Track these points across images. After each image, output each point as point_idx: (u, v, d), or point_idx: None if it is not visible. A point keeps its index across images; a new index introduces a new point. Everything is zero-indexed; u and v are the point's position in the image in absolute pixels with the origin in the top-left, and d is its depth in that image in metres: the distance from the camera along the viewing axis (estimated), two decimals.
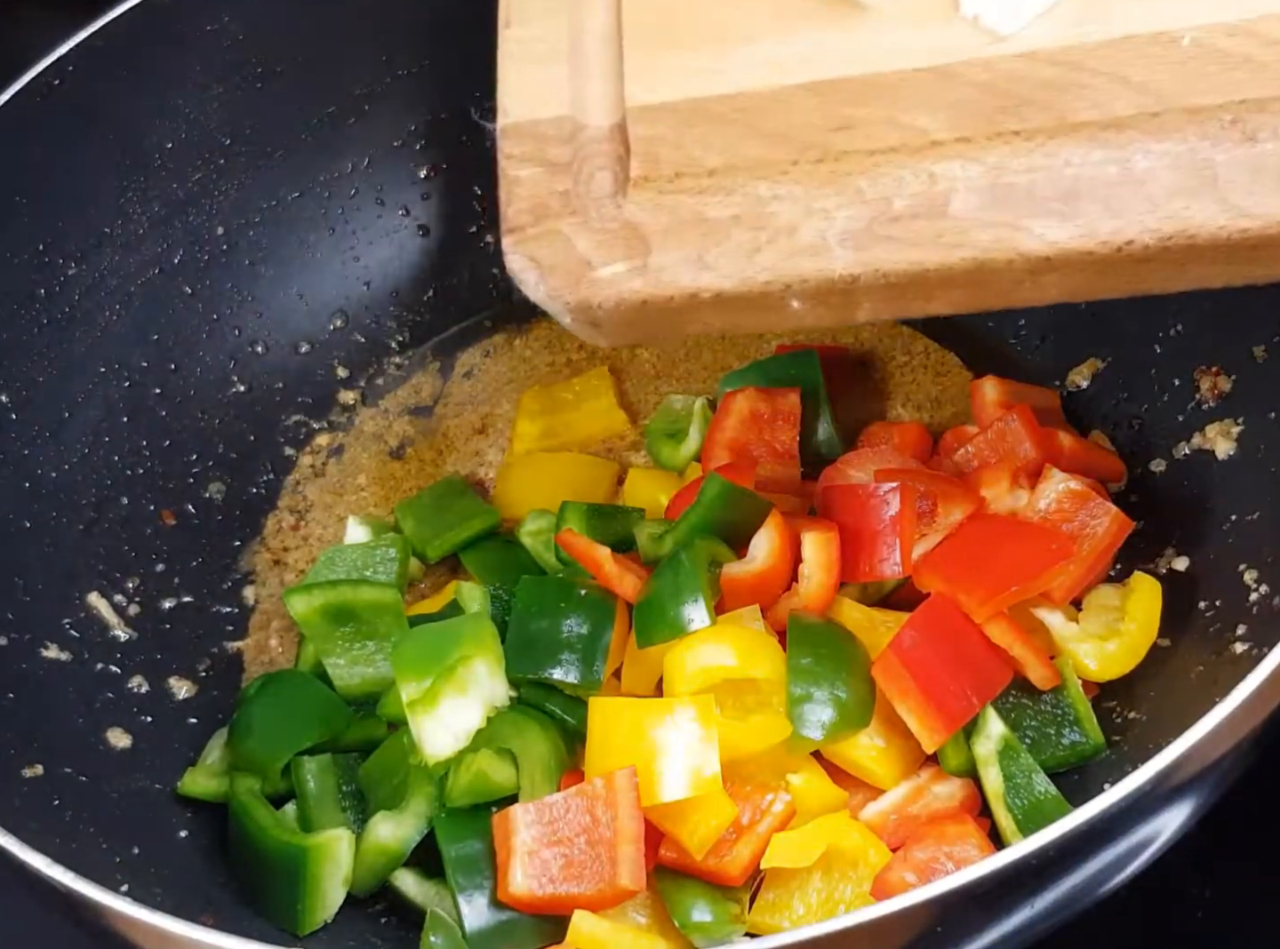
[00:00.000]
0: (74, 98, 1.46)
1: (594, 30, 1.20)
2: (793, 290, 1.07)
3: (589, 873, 1.17)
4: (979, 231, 1.05)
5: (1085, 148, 1.06)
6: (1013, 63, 1.09)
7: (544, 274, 1.11)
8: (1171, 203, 1.03)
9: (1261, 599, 1.23)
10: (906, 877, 1.17)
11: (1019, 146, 1.07)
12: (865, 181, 1.08)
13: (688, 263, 1.09)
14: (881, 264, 1.06)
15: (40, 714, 1.31)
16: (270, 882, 1.25)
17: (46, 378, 1.46)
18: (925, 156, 1.08)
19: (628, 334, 1.14)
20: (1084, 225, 1.04)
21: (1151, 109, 1.06)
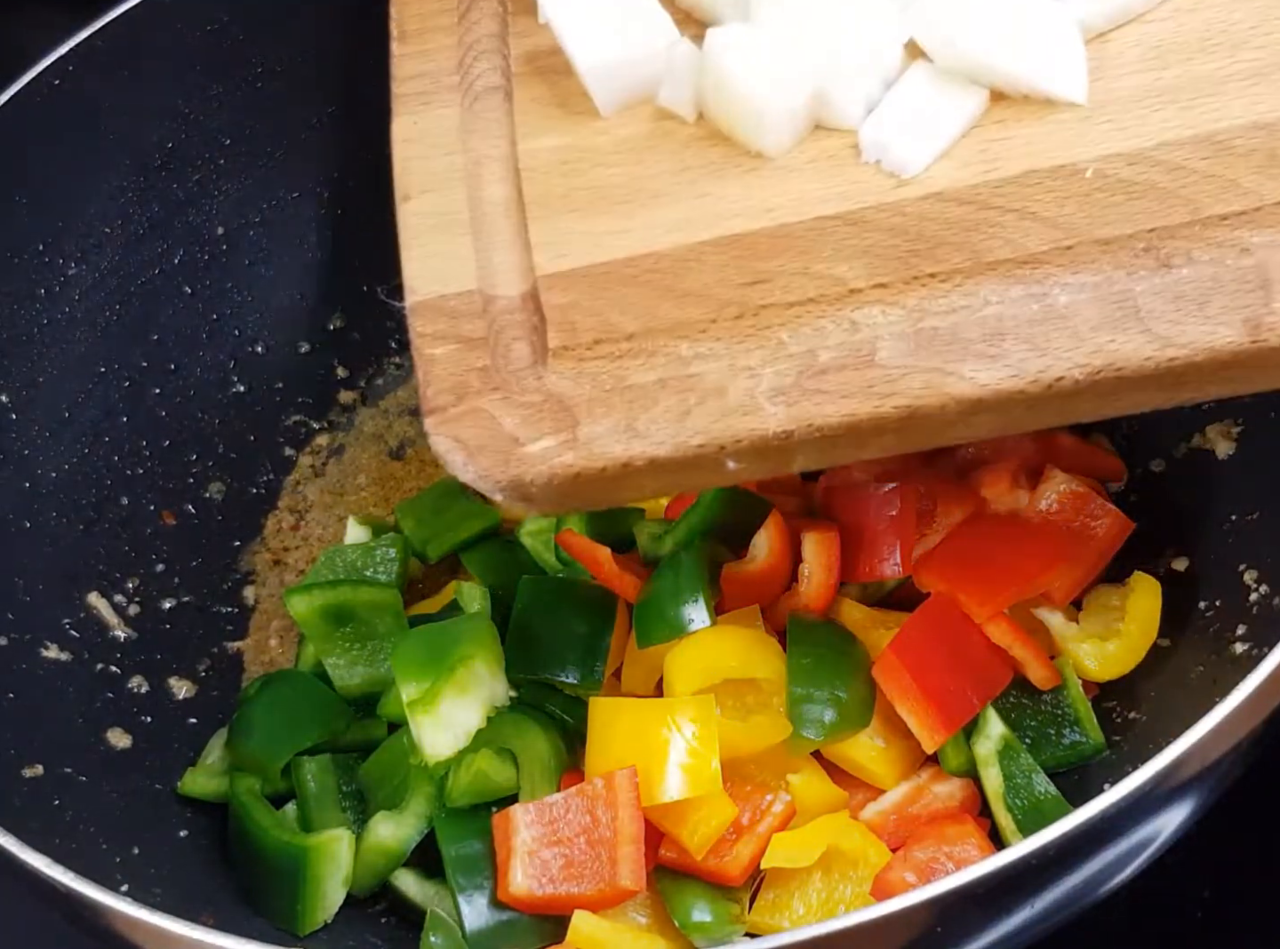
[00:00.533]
0: (74, 98, 1.46)
1: (494, 200, 1.19)
2: (727, 450, 1.05)
3: (589, 873, 1.17)
4: (909, 379, 1.04)
5: (1003, 285, 1.05)
6: (921, 204, 1.09)
7: (471, 455, 1.07)
8: (1097, 337, 1.02)
9: (1261, 599, 1.23)
10: (907, 877, 1.17)
11: (937, 288, 1.06)
12: (787, 334, 1.07)
13: (617, 431, 1.06)
14: (814, 418, 1.04)
15: (40, 714, 1.31)
16: (270, 882, 1.25)
17: (46, 378, 1.46)
18: (845, 305, 1.07)
19: (563, 504, 1.10)
20: (1012, 365, 1.03)
21: (1064, 243, 1.06)
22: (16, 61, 1.44)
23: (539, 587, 1.35)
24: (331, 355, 1.64)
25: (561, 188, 1.17)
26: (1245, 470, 1.33)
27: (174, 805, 1.33)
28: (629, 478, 1.06)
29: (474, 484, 1.08)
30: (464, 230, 1.18)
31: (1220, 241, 1.03)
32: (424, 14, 1.30)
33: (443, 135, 1.24)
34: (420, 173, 1.23)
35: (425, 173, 1.23)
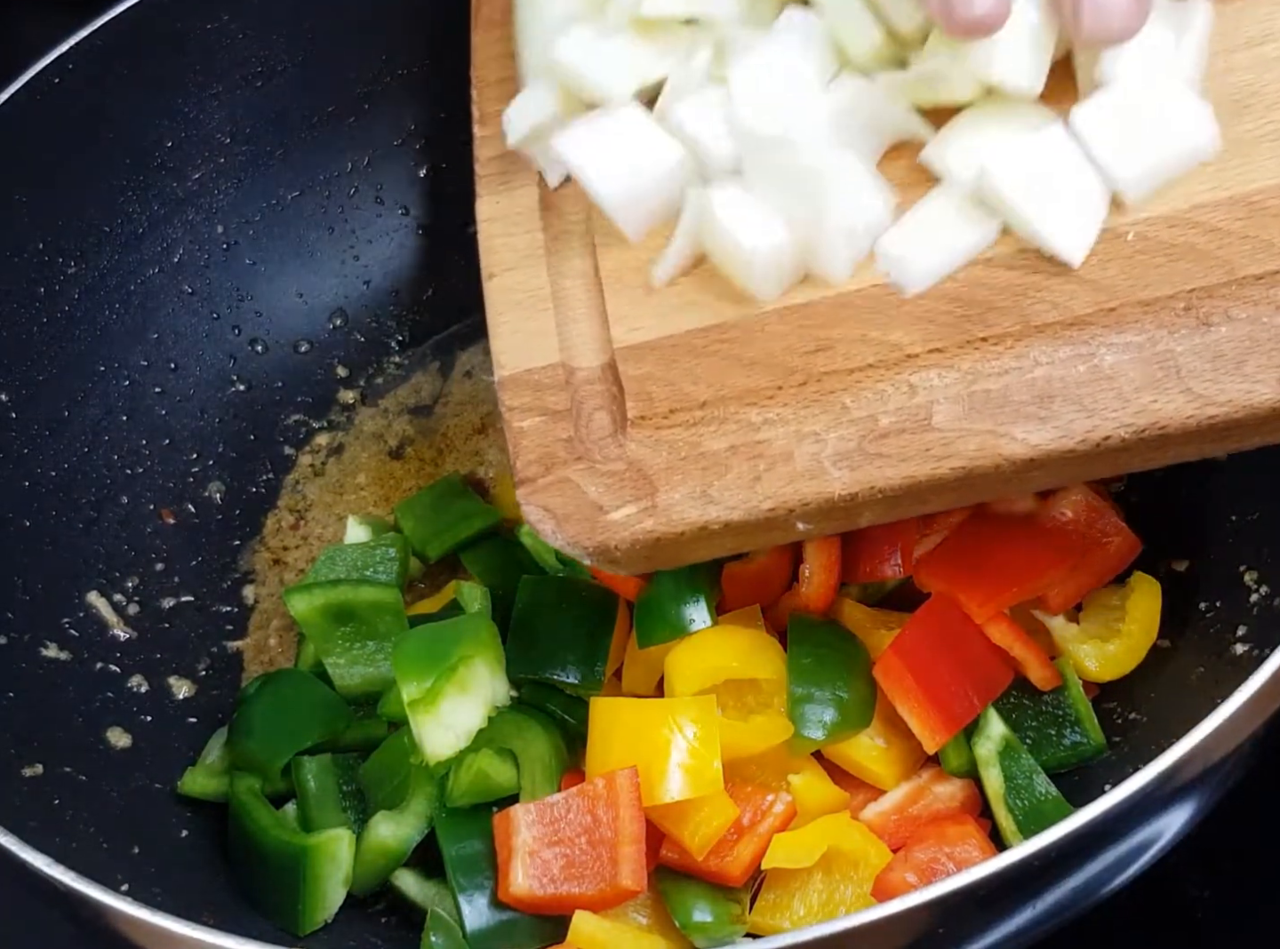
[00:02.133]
0: (73, 97, 1.46)
1: (573, 274, 1.24)
2: (796, 514, 1.10)
3: (590, 873, 1.17)
4: (963, 441, 1.08)
5: (1051, 346, 1.09)
6: (972, 270, 1.13)
7: (559, 523, 1.13)
8: (1140, 398, 1.06)
9: (1262, 600, 1.23)
10: (907, 877, 1.17)
11: (989, 351, 1.10)
12: (849, 398, 1.12)
13: (693, 498, 1.12)
14: (876, 481, 1.09)
15: (40, 713, 1.30)
16: (270, 881, 1.25)
17: (46, 376, 1.46)
18: (903, 369, 1.11)
19: (645, 565, 1.16)
20: (1061, 427, 1.07)
21: (1108, 305, 1.09)
22: (16, 61, 1.44)
23: (539, 586, 1.34)
24: (331, 355, 1.64)
25: (635, 261, 1.22)
26: (1245, 471, 1.33)
27: (174, 805, 1.33)
28: (705, 540, 1.12)
29: (563, 550, 1.14)
30: (546, 305, 1.23)
31: (1256, 300, 1.06)
32: (502, 97, 1.34)
33: (524, 214, 1.29)
34: (503, 251, 1.27)
35: (508, 250, 1.27)
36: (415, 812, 1.26)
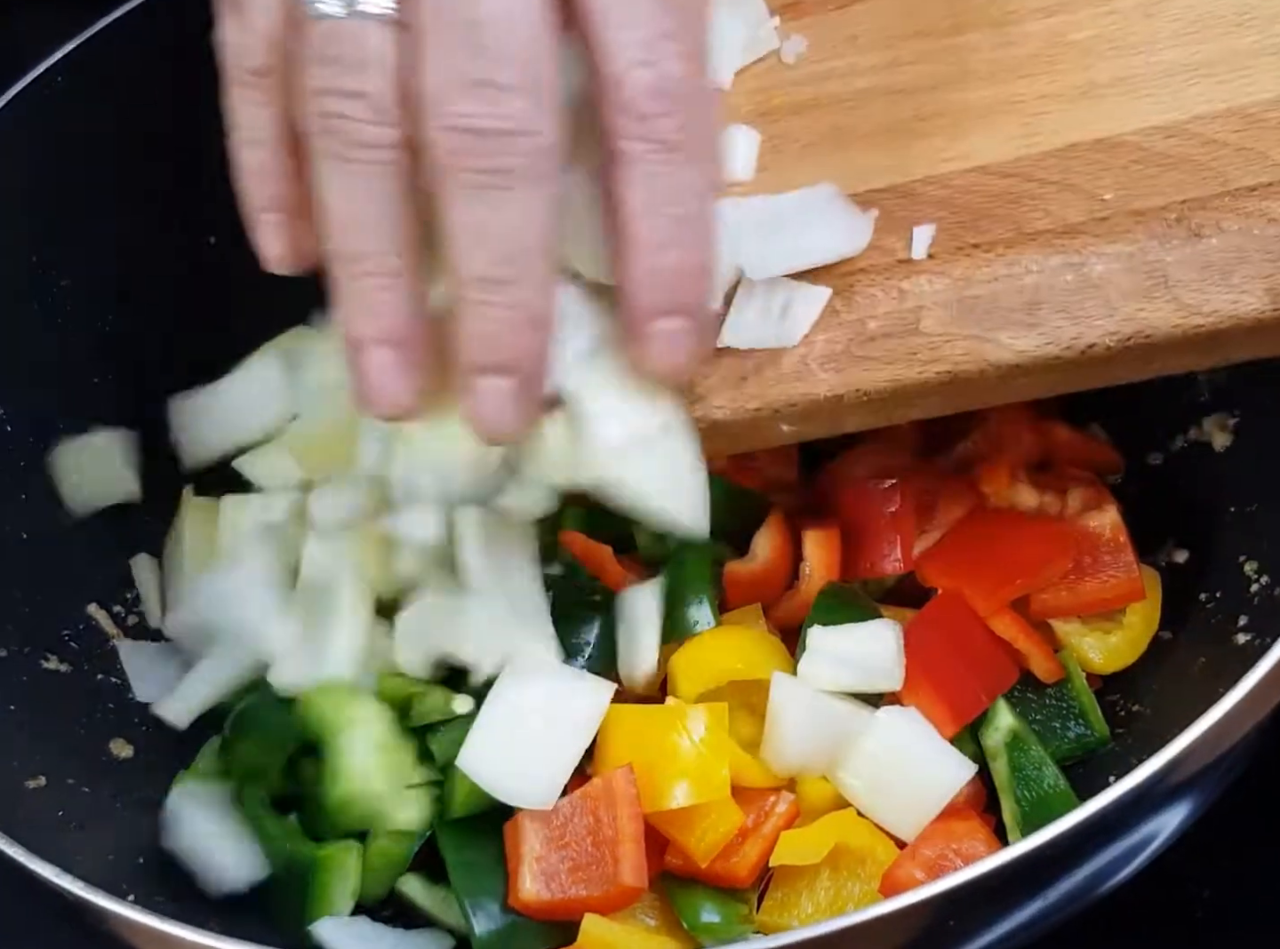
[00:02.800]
0: (68, 104, 1.45)
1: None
2: (781, 414, 1.12)
3: (595, 874, 1.17)
4: (950, 346, 1.09)
5: (1043, 255, 1.10)
6: (967, 177, 1.14)
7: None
8: (1127, 306, 1.07)
9: (1262, 590, 1.23)
10: (915, 873, 1.16)
11: (980, 258, 1.11)
12: (840, 302, 1.12)
13: (680, 395, 1.12)
14: (862, 384, 1.10)
15: (42, 726, 1.30)
16: (277, 891, 1.25)
17: (42, 387, 1.45)
18: (894, 274, 1.12)
19: None
20: (1048, 333, 1.08)
21: (1100, 214, 1.10)
22: (10, 67, 1.44)
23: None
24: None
25: None
26: (1243, 462, 1.33)
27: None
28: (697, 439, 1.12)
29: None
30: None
31: (1248, 212, 1.07)
32: None
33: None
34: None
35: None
36: None
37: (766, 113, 1.22)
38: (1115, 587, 1.28)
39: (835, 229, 1.13)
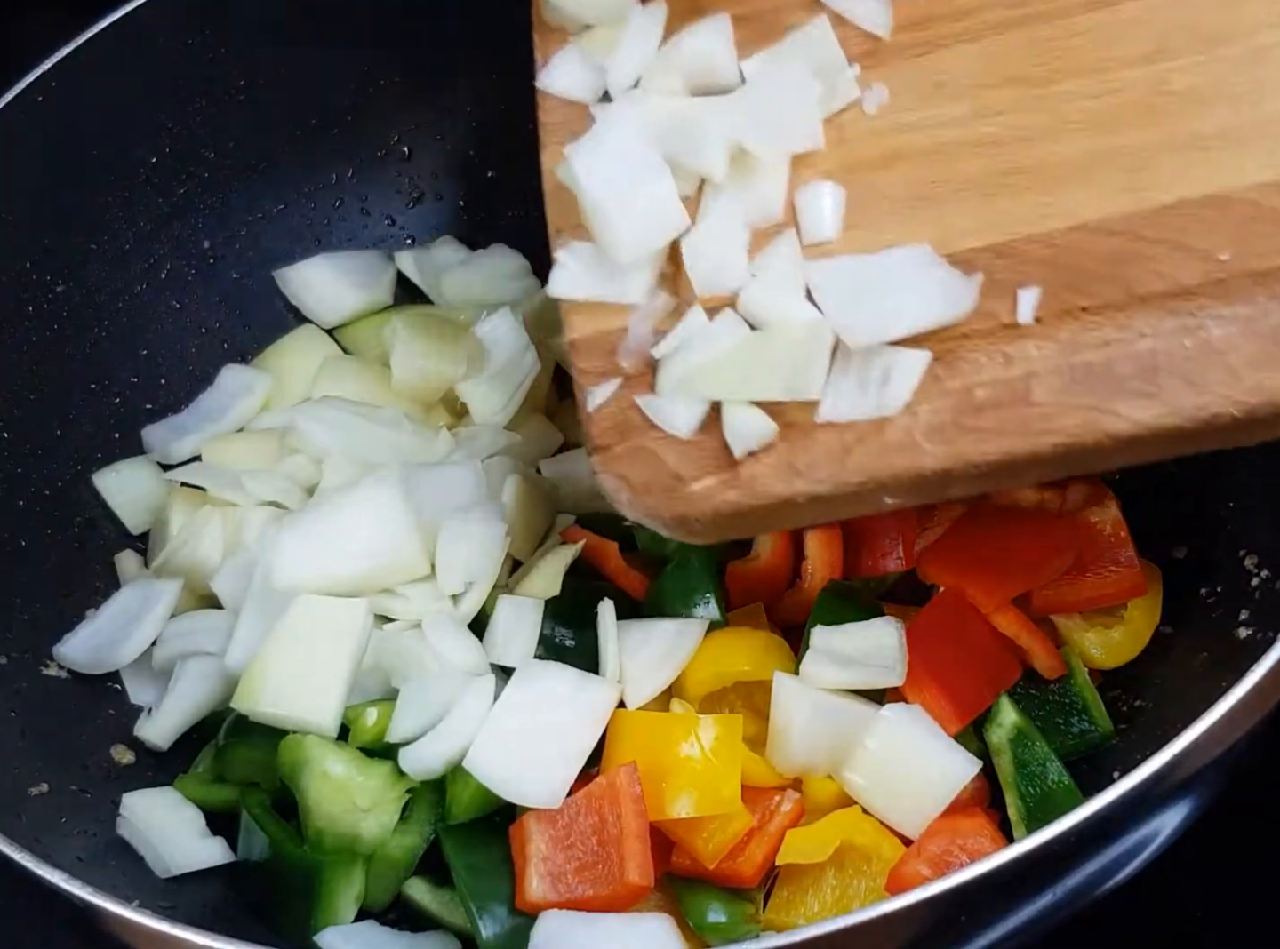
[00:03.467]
0: (56, 114, 1.45)
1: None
2: (886, 488, 1.06)
3: (601, 874, 1.17)
4: (1064, 417, 1.03)
5: (1156, 318, 1.04)
6: (1071, 236, 1.07)
7: (636, 494, 1.09)
8: (1254, 373, 1.01)
9: (1263, 584, 1.23)
10: (921, 870, 1.17)
11: (1089, 322, 1.05)
12: (941, 369, 1.06)
13: (779, 470, 1.07)
14: (971, 456, 1.04)
15: (44, 732, 1.30)
16: (282, 896, 1.24)
17: (37, 396, 1.46)
18: (998, 339, 1.06)
19: (724, 533, 1.13)
20: (1168, 402, 1.02)
21: (1216, 275, 1.03)
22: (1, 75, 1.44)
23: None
24: None
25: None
26: (1242, 456, 1.32)
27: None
28: (789, 510, 1.08)
29: (640, 520, 1.10)
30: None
31: None
32: (565, 40, 1.25)
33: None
34: (572, 206, 1.17)
35: (576, 206, 1.18)
36: (419, 820, 1.25)
37: (851, 167, 1.14)
38: (1116, 582, 1.28)
39: (935, 292, 1.07)
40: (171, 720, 1.35)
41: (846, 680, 1.21)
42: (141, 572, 1.45)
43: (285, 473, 1.44)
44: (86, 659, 1.37)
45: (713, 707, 1.25)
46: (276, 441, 1.48)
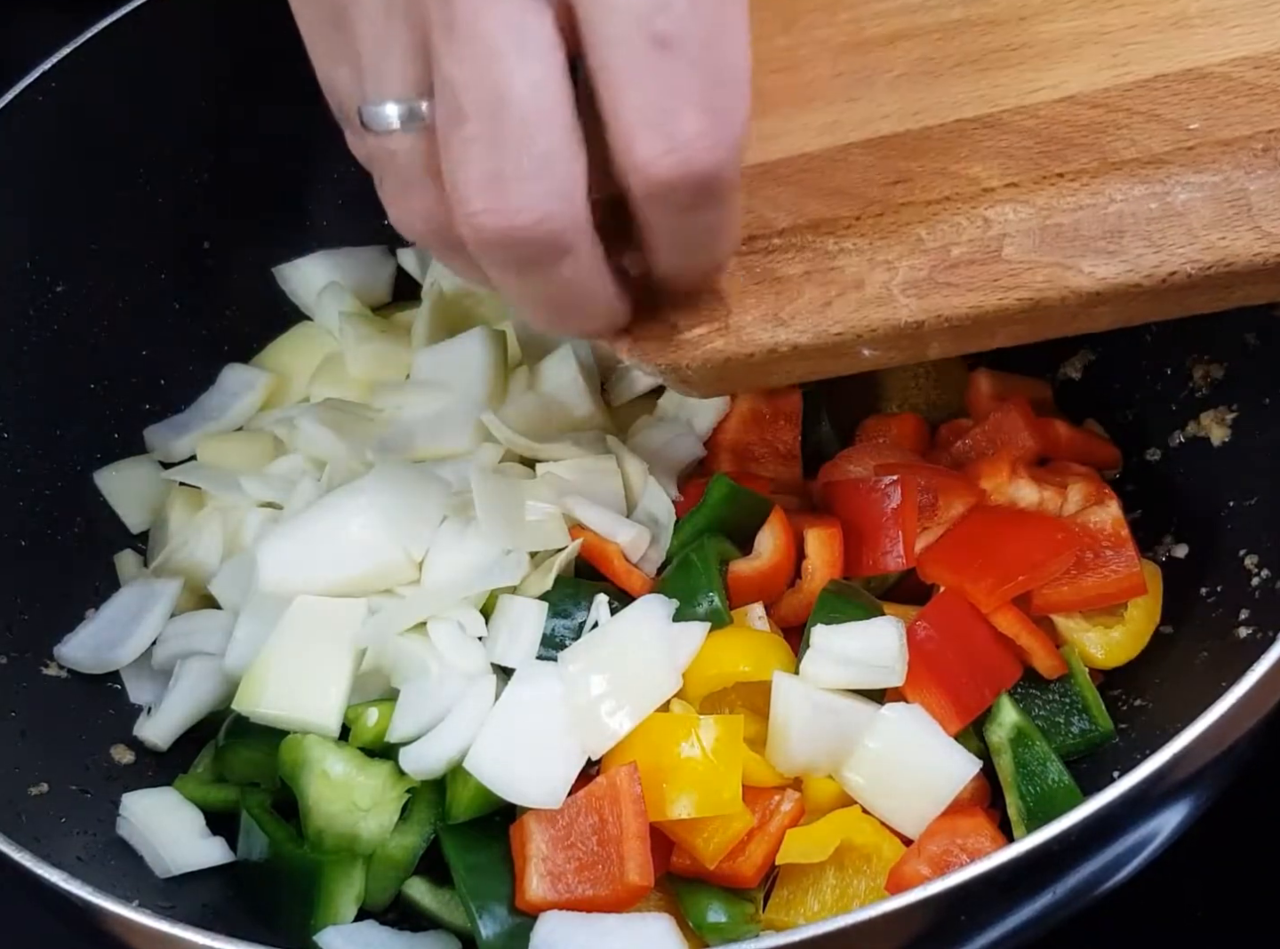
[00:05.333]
0: (58, 113, 1.45)
1: None
2: (863, 339, 1.12)
3: (601, 874, 1.17)
4: (1031, 273, 1.10)
5: (1127, 184, 1.11)
6: (1055, 107, 1.14)
7: (636, 340, 1.14)
8: (1209, 234, 1.08)
9: (1263, 583, 1.24)
10: (921, 869, 1.17)
11: (1064, 187, 1.12)
12: (924, 230, 1.13)
13: (765, 321, 1.13)
14: (943, 310, 1.11)
15: (43, 732, 1.30)
16: (282, 896, 1.24)
17: (37, 395, 1.45)
18: (979, 203, 1.13)
19: (717, 386, 1.19)
20: (1129, 261, 1.08)
21: (1186, 144, 1.11)
22: (1, 76, 1.44)
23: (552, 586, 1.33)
24: None
25: None
26: (1241, 456, 1.33)
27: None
28: (775, 363, 1.14)
29: (637, 366, 1.15)
30: None
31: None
32: None
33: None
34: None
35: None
36: (418, 819, 1.25)
37: (859, 44, 1.21)
38: (1116, 582, 1.28)
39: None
40: (171, 720, 1.35)
41: (846, 680, 1.21)
42: (141, 572, 1.45)
43: (281, 473, 1.44)
44: (86, 659, 1.37)
45: (713, 707, 1.25)
46: (271, 441, 1.48)
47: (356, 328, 1.52)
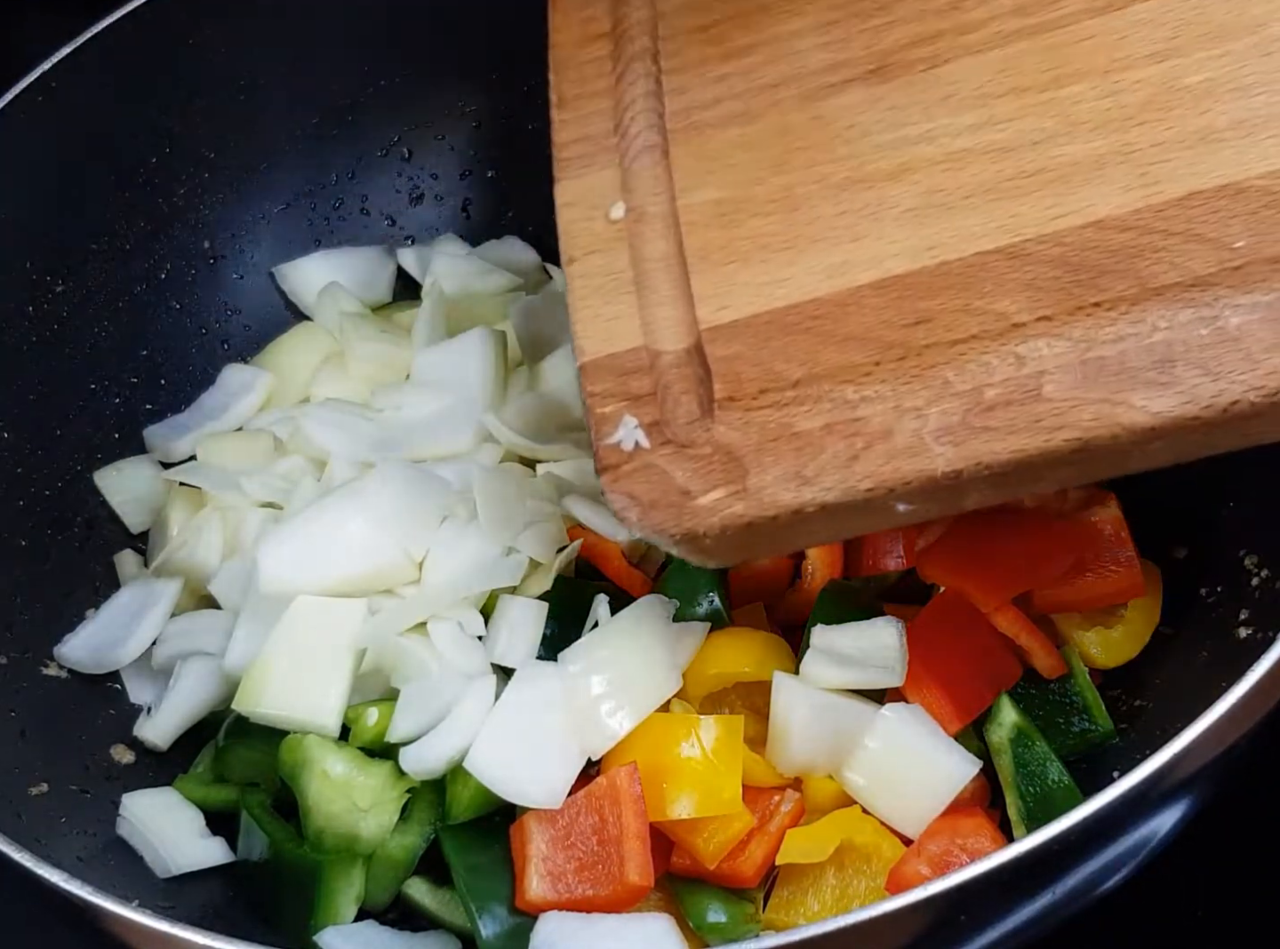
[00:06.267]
0: (58, 114, 1.45)
1: (656, 256, 1.19)
2: (896, 493, 1.05)
3: (601, 874, 1.17)
4: (1077, 411, 1.02)
5: (1171, 310, 1.03)
6: (1082, 233, 1.07)
7: (645, 510, 1.10)
8: (1271, 359, 0.99)
9: (1263, 583, 1.23)
10: (921, 869, 1.16)
11: (1102, 317, 1.04)
12: (952, 372, 1.06)
13: (787, 479, 1.07)
14: (983, 456, 1.03)
15: (44, 732, 1.30)
16: (282, 896, 1.24)
17: (37, 395, 1.46)
18: (1009, 339, 1.05)
19: (737, 554, 1.14)
20: (1185, 392, 1.00)
21: (1232, 263, 1.02)
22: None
23: (555, 587, 1.32)
24: None
25: (721, 240, 1.17)
26: (1241, 457, 1.32)
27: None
28: (801, 525, 1.07)
29: (649, 538, 1.10)
30: (628, 288, 1.18)
31: None
32: (581, 79, 1.29)
33: (604, 196, 1.23)
34: (583, 235, 1.22)
35: (588, 234, 1.22)
36: (418, 819, 1.25)
37: (861, 179, 1.15)
38: (1116, 582, 1.28)
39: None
40: (171, 720, 1.35)
41: (847, 680, 1.21)
42: (141, 571, 1.45)
43: (281, 473, 1.44)
44: (87, 659, 1.37)
45: (713, 707, 1.25)
46: (271, 441, 1.48)
47: (357, 327, 1.52)
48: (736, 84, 1.23)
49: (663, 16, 1.29)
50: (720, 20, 1.27)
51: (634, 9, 1.31)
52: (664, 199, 1.21)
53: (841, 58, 1.21)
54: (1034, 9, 1.16)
